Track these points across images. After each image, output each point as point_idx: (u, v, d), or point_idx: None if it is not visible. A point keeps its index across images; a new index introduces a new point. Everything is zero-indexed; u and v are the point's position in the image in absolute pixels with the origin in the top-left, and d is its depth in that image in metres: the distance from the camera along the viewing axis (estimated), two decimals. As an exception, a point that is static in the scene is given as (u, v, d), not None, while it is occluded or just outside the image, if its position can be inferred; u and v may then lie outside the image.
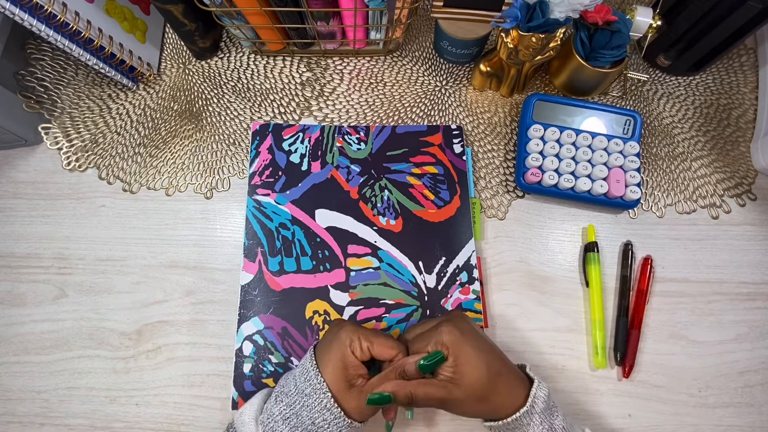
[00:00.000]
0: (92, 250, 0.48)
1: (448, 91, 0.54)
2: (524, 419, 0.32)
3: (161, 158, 0.52)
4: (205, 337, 0.45)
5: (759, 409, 0.44)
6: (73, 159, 0.51)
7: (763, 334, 0.46)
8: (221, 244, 0.48)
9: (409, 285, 0.45)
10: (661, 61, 0.54)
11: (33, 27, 0.42)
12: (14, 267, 0.48)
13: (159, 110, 0.53)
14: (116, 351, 0.45)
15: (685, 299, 0.47)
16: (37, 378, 0.44)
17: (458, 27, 0.49)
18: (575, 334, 0.46)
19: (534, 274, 0.48)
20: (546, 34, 0.43)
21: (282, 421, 0.32)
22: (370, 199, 0.48)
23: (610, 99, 0.54)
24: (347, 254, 0.46)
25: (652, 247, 0.49)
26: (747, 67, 0.56)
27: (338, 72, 0.55)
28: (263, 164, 0.49)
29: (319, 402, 0.31)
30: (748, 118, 0.54)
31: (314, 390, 0.32)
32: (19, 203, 0.50)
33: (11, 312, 0.46)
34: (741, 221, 0.50)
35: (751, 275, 0.48)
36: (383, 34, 0.52)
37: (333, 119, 0.53)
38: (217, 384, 0.44)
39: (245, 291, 0.44)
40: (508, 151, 0.52)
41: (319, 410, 0.31)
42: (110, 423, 0.43)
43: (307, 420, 0.31)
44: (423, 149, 0.50)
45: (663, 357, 0.45)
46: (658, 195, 0.51)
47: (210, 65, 0.55)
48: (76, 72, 0.55)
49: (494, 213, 0.50)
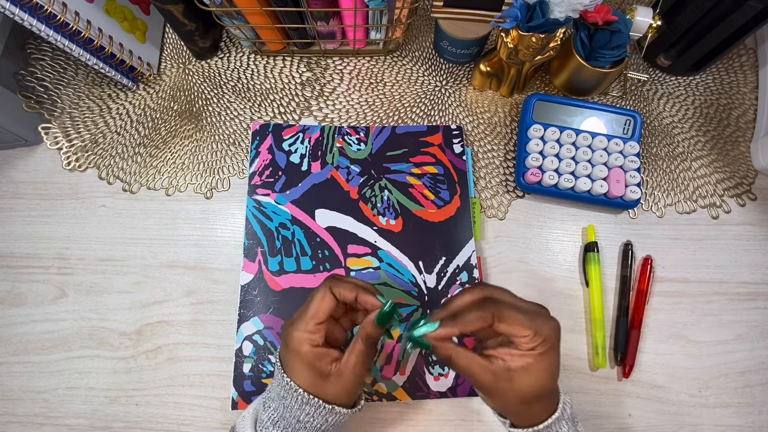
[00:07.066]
0: (92, 250, 0.48)
1: (448, 91, 0.54)
2: (555, 426, 0.31)
3: (161, 158, 0.52)
4: (205, 337, 0.45)
5: (759, 409, 0.44)
6: (73, 159, 0.51)
7: (763, 334, 0.46)
8: (221, 244, 0.48)
9: (409, 285, 0.45)
10: (661, 61, 0.54)
11: (33, 27, 0.42)
12: (14, 267, 0.48)
13: (159, 110, 0.53)
14: (116, 351, 0.45)
15: (685, 299, 0.47)
16: (37, 378, 0.44)
17: (458, 27, 0.49)
18: (575, 334, 0.46)
19: (534, 274, 0.48)
20: (546, 34, 0.43)
21: (272, 425, 0.32)
22: (370, 199, 0.48)
23: (610, 99, 0.54)
24: (347, 254, 0.46)
25: (652, 247, 0.49)
26: (747, 67, 0.56)
27: (338, 72, 0.55)
28: (263, 164, 0.49)
29: (295, 400, 0.31)
30: (748, 118, 0.54)
31: (287, 392, 0.32)
32: (19, 203, 0.50)
33: (11, 312, 0.46)
34: (741, 221, 0.50)
35: (751, 275, 0.48)
36: (383, 34, 0.52)
37: (333, 119, 0.53)
38: (217, 384, 0.44)
39: (245, 291, 0.44)
40: (508, 151, 0.52)
41: (299, 406, 0.31)
42: (110, 423, 0.43)
43: (293, 419, 0.32)
44: (423, 149, 0.50)
45: (663, 357, 0.45)
46: (658, 195, 0.51)
47: (210, 65, 0.55)
48: (76, 72, 0.55)
49: (494, 213, 0.50)
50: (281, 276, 0.45)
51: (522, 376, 0.30)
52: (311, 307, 0.32)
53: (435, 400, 0.43)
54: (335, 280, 0.33)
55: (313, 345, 0.31)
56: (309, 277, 0.45)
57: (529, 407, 0.31)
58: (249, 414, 0.34)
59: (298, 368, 0.32)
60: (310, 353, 0.31)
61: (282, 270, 0.45)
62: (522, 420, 0.32)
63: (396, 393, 0.42)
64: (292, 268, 0.45)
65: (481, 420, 0.43)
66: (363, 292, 0.32)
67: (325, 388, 0.32)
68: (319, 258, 0.45)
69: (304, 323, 0.32)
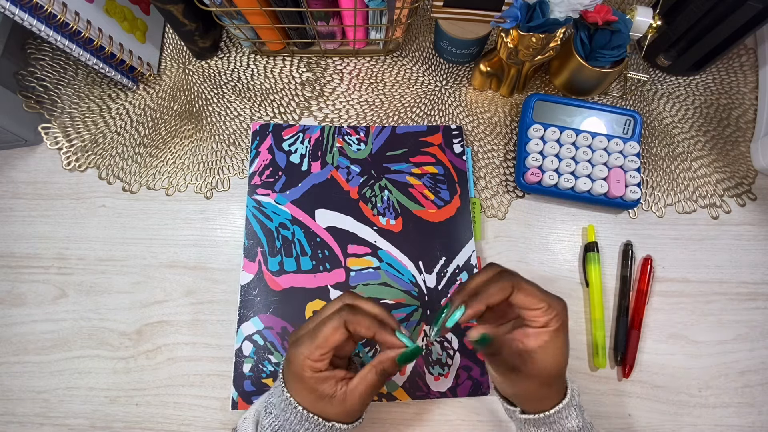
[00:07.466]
0: (92, 250, 0.48)
1: (448, 91, 0.54)
2: (564, 412, 0.32)
3: (161, 158, 0.52)
4: (205, 337, 0.45)
5: (759, 409, 0.44)
6: (73, 159, 0.51)
7: (763, 334, 0.46)
8: (221, 244, 0.48)
9: (409, 285, 0.45)
10: (661, 61, 0.54)
11: (33, 27, 0.42)
12: (14, 267, 0.48)
13: (159, 110, 0.53)
14: (116, 351, 0.45)
15: (685, 299, 0.47)
16: (37, 378, 0.44)
17: (458, 27, 0.49)
18: (575, 334, 0.46)
19: (534, 274, 0.48)
20: (546, 34, 0.43)
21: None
22: (370, 199, 0.48)
23: (610, 99, 0.54)
24: (347, 254, 0.46)
25: (652, 247, 0.49)
26: (747, 67, 0.56)
27: (338, 72, 0.55)
28: (263, 164, 0.49)
29: (295, 416, 0.31)
30: (748, 118, 0.54)
31: (287, 406, 0.31)
32: (19, 203, 0.50)
33: (11, 312, 0.46)
34: (741, 221, 0.50)
35: (751, 275, 0.48)
36: (383, 34, 0.52)
37: (333, 119, 0.53)
38: (216, 384, 0.44)
39: (245, 291, 0.44)
40: (508, 151, 0.52)
41: (299, 422, 0.31)
42: (110, 423, 0.43)
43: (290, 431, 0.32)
44: (423, 149, 0.50)
45: (663, 357, 0.45)
46: (658, 195, 0.51)
47: (210, 65, 0.55)
48: (76, 72, 0.55)
49: (494, 213, 0.50)
50: (281, 276, 0.45)
51: (542, 355, 0.31)
52: (320, 336, 0.31)
53: (435, 400, 0.43)
54: (352, 314, 0.31)
55: (315, 371, 0.31)
56: (309, 277, 0.45)
57: (549, 388, 0.32)
58: (251, 415, 0.34)
59: (299, 389, 0.31)
60: (311, 379, 0.31)
61: (282, 270, 0.45)
62: (534, 405, 0.33)
63: (396, 393, 0.42)
64: (292, 268, 0.45)
65: (481, 420, 0.43)
66: (381, 331, 0.31)
67: (327, 409, 0.31)
68: (319, 258, 0.45)
69: (309, 350, 0.30)
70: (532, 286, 0.32)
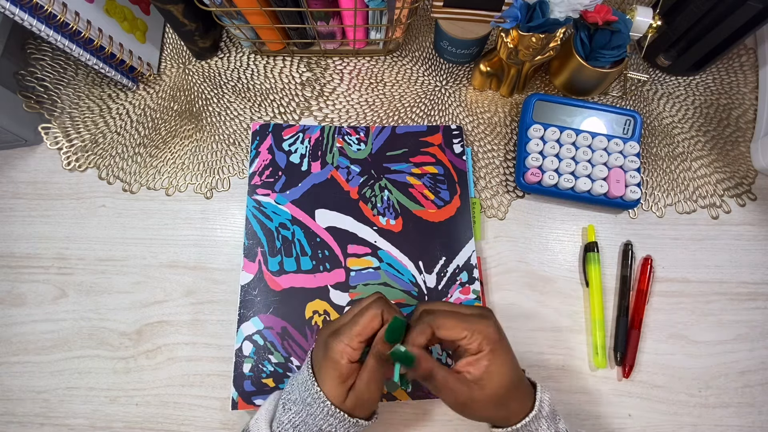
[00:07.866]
0: (92, 250, 0.48)
1: (448, 91, 0.54)
2: (533, 424, 0.32)
3: (161, 158, 0.52)
4: (205, 337, 0.45)
5: (759, 409, 0.44)
6: (73, 159, 0.51)
7: (763, 334, 0.46)
8: (221, 244, 0.48)
9: (409, 285, 0.45)
10: (661, 61, 0.54)
11: (33, 27, 0.42)
12: (14, 267, 0.48)
13: (159, 110, 0.53)
14: (116, 351, 0.45)
15: (685, 299, 0.47)
16: (37, 378, 0.44)
17: (458, 27, 0.49)
18: (575, 334, 0.46)
19: (534, 274, 0.48)
20: (546, 34, 0.43)
21: (292, 428, 0.32)
22: (370, 199, 0.48)
23: (610, 99, 0.54)
24: (347, 254, 0.46)
25: (652, 247, 0.49)
26: (747, 67, 0.56)
27: (338, 72, 0.55)
28: (263, 164, 0.49)
29: (321, 410, 0.32)
30: (748, 118, 0.54)
31: (314, 400, 0.32)
32: (19, 203, 0.50)
33: (11, 312, 0.46)
34: (741, 221, 0.50)
35: (751, 275, 0.48)
36: (383, 34, 0.52)
37: (333, 119, 0.53)
38: (216, 384, 0.44)
39: (245, 291, 0.44)
40: (508, 151, 0.52)
41: (323, 416, 0.32)
42: (110, 423, 0.43)
43: (314, 427, 0.32)
44: (423, 149, 0.50)
45: (663, 357, 0.45)
46: (658, 195, 0.51)
47: (210, 65, 0.55)
48: (76, 72, 0.55)
49: (494, 213, 0.50)
50: (281, 276, 0.45)
51: (487, 380, 0.31)
52: (360, 323, 0.33)
53: (435, 400, 0.43)
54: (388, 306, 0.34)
55: (351, 360, 0.32)
56: (309, 277, 0.45)
57: (506, 407, 0.32)
58: (262, 415, 0.34)
59: (331, 378, 0.32)
60: (346, 367, 0.32)
61: (282, 270, 0.45)
62: (503, 421, 0.33)
63: (396, 393, 0.42)
64: (292, 268, 0.45)
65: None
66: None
67: (346, 402, 0.32)
68: (319, 258, 0.45)
69: (349, 338, 0.32)
70: (449, 317, 0.32)
